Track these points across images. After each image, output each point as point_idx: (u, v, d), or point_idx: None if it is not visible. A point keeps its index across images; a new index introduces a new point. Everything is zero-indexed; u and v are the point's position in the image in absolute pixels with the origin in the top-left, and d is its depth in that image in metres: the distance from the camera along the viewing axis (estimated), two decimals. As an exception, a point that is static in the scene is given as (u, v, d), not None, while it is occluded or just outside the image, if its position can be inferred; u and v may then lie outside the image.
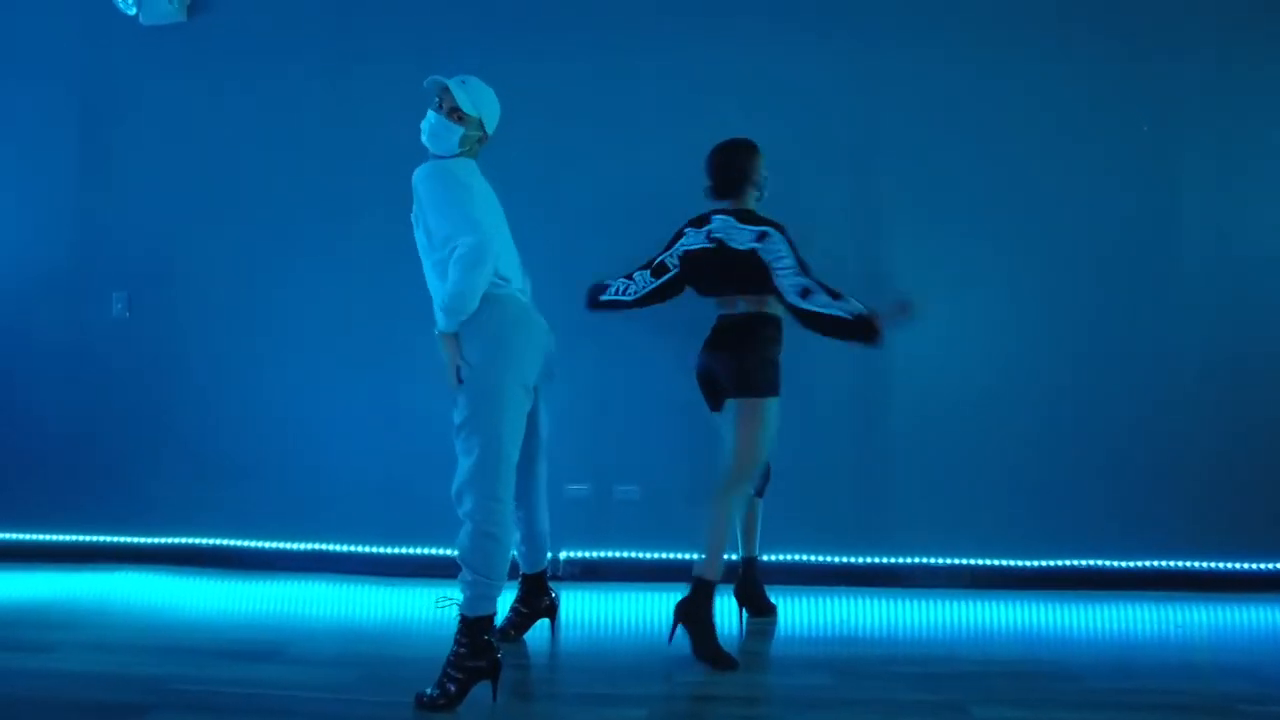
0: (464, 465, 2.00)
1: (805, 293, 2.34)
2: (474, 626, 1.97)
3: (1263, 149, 3.13)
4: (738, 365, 2.47)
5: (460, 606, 1.99)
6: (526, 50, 3.23)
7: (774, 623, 2.70)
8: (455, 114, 2.11)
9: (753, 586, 2.74)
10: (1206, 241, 3.14)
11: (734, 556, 2.69)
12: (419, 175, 2.07)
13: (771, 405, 2.47)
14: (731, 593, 2.71)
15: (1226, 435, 3.09)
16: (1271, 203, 3.13)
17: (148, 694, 2.00)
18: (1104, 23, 3.15)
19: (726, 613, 2.60)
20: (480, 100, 2.14)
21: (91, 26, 3.38)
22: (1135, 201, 3.15)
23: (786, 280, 2.37)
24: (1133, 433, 3.12)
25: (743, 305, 2.53)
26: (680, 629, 2.32)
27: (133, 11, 3.31)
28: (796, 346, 3.10)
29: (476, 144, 2.18)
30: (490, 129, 2.19)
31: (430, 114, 2.13)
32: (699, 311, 2.65)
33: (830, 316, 2.31)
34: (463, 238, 1.96)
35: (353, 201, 3.28)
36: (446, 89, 2.12)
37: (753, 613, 2.73)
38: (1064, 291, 3.15)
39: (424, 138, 2.14)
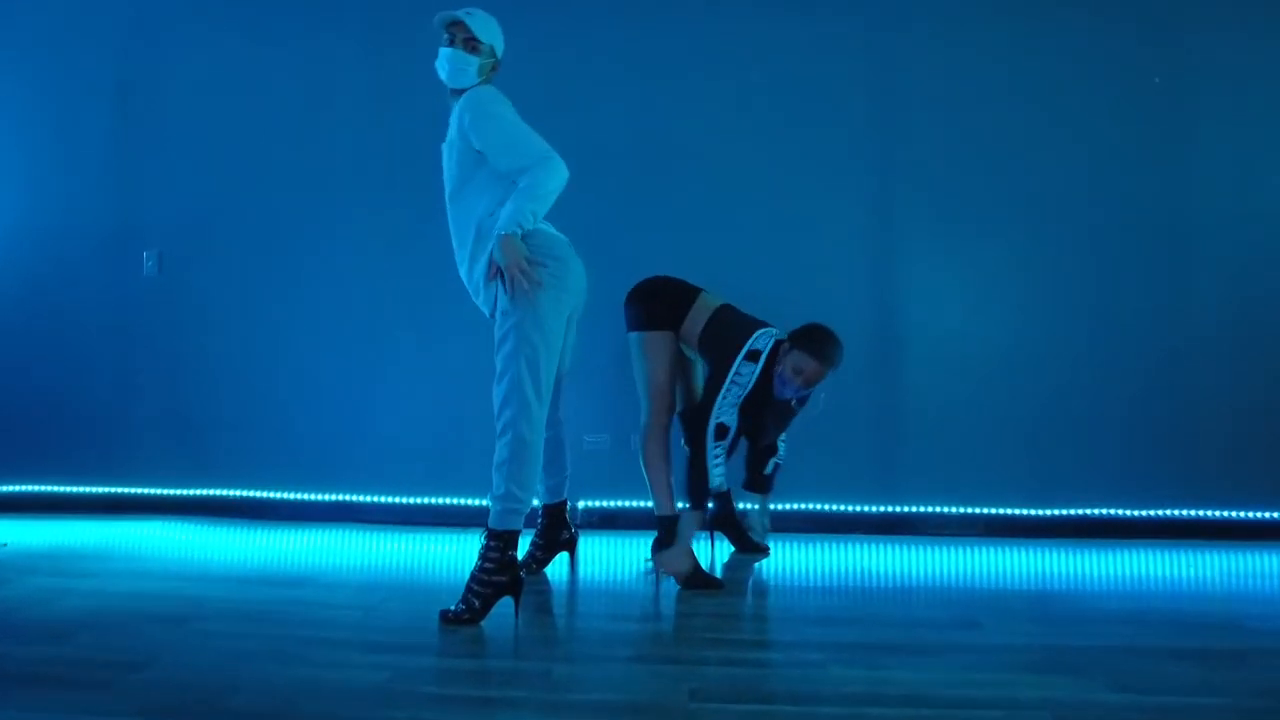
0: (508, 377, 2.06)
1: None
2: (500, 540, 2.03)
3: (1277, 103, 3.15)
4: None
5: (489, 520, 2.06)
6: (551, 23, 3.28)
7: (763, 558, 2.76)
8: (470, 44, 2.17)
9: (728, 519, 2.85)
10: (1219, 198, 3.17)
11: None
12: (471, 101, 2.10)
13: (645, 340, 2.57)
14: (709, 531, 2.87)
15: (1238, 389, 3.11)
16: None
17: (191, 607, 2.10)
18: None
19: (706, 552, 2.73)
20: (490, 28, 2.21)
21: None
22: (1148, 159, 3.17)
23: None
24: (1144, 387, 3.14)
25: None
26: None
27: (164, -23, 3.41)
28: (815, 301, 3.18)
29: (490, 72, 2.24)
30: (499, 55, 2.25)
31: (444, 50, 2.18)
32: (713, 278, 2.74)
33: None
34: (538, 151, 2.04)
35: (387, 165, 3.34)
36: (459, 22, 2.17)
37: (737, 548, 2.84)
38: (1078, 246, 3.18)
39: (443, 74, 2.19)
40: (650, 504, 2.55)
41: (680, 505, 2.51)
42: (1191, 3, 3.19)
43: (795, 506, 3.18)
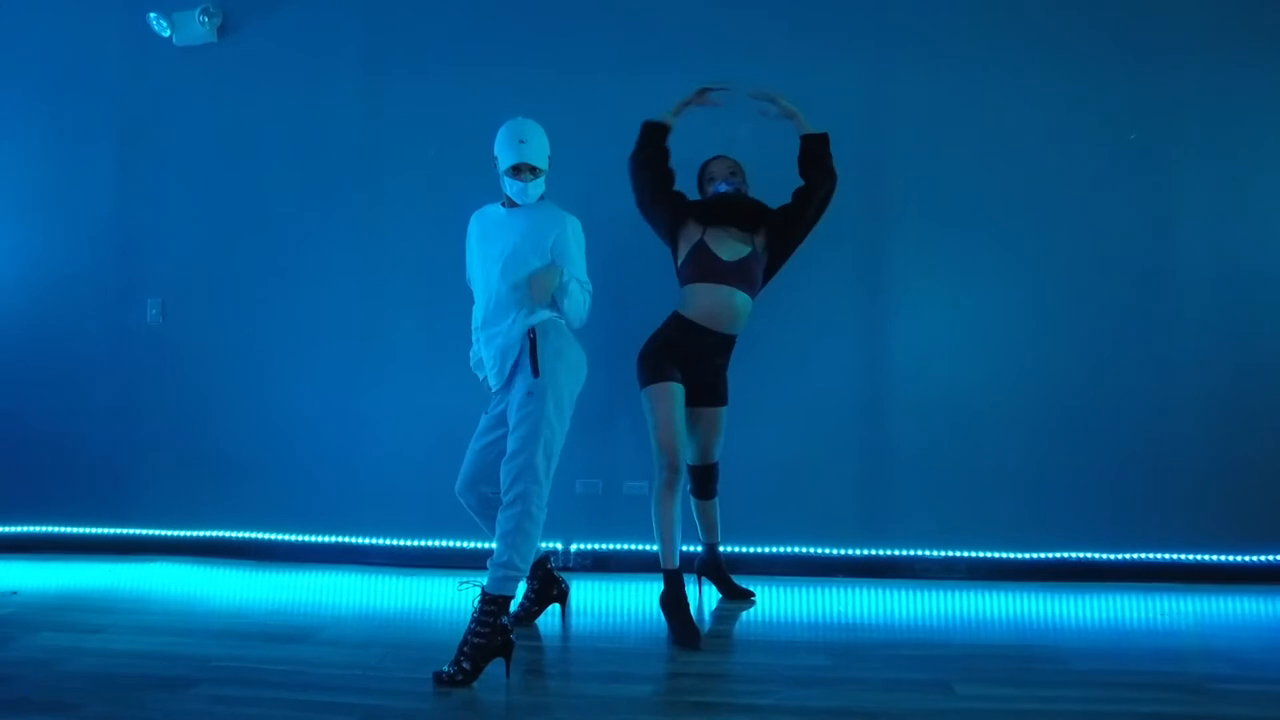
0: (523, 456, 2.22)
1: None
2: (494, 605, 2.13)
3: (1261, 153, 3.20)
4: None
5: (485, 585, 2.16)
6: (553, 63, 3.33)
7: (749, 606, 2.84)
8: (537, 172, 2.36)
9: (714, 568, 2.96)
10: (1206, 245, 3.21)
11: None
12: (574, 227, 2.40)
13: (649, 395, 2.67)
14: (697, 576, 2.98)
15: (1220, 434, 3.17)
16: (1269, 206, 3.20)
17: (193, 670, 2.18)
18: (1108, 28, 3.23)
19: (695, 597, 2.83)
20: (544, 145, 2.37)
21: (128, 48, 3.55)
22: (1136, 206, 3.22)
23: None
24: (1127, 431, 3.20)
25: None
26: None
27: (166, 33, 3.50)
28: (803, 342, 3.25)
29: None
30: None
31: (517, 185, 2.34)
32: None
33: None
34: (587, 283, 2.43)
35: (381, 211, 3.43)
36: (526, 165, 2.32)
37: (724, 595, 2.93)
38: (1063, 292, 3.23)
39: (520, 200, 2.37)
40: (643, 546, 2.64)
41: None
42: (1176, 26, 3.20)
43: (779, 550, 3.26)
